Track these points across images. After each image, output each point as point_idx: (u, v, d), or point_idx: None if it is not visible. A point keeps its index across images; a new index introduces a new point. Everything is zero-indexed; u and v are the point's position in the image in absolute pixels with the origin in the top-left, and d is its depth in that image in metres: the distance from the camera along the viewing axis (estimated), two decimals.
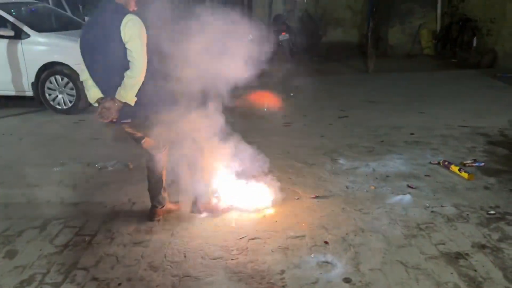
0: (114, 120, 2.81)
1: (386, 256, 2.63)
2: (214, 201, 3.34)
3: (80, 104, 6.11)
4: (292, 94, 7.07)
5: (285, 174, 3.94)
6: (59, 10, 7.58)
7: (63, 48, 5.96)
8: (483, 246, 2.69)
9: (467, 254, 2.62)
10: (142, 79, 2.73)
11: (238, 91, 3.28)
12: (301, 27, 11.96)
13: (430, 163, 4.08)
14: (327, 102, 6.70)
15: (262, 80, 4.02)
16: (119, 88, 2.72)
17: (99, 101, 2.86)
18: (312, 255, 2.66)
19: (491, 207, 3.20)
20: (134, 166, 4.20)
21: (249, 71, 3.11)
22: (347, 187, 3.64)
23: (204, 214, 3.21)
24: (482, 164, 3.98)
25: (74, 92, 6.05)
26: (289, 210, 3.26)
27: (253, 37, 9.54)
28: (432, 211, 3.17)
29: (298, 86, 7.54)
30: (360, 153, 4.44)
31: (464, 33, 9.75)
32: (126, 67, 2.69)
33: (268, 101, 6.82)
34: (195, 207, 3.25)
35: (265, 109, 6.25)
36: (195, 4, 4.10)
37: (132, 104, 2.76)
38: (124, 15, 2.67)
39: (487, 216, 3.07)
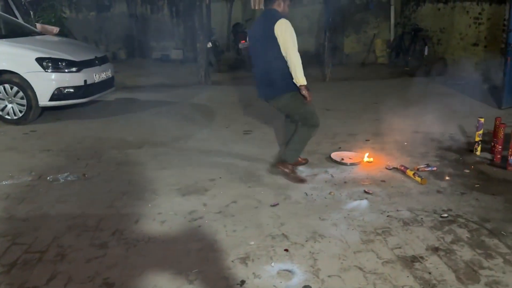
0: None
1: (345, 262, 2.66)
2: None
3: (31, 114, 5.85)
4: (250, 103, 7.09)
5: (245, 182, 3.93)
6: (8, 16, 7.24)
7: (13, 56, 5.70)
8: (436, 249, 2.79)
9: (422, 257, 2.69)
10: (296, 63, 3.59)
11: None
12: None
13: (385, 168, 4.19)
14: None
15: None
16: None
17: None
18: (273, 264, 2.66)
19: (443, 210, 3.32)
20: (89, 176, 4.06)
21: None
22: (306, 194, 3.67)
23: None
24: (435, 168, 4.14)
25: (24, 101, 5.78)
26: (249, 218, 3.24)
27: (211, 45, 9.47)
28: (388, 216, 3.25)
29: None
30: (319, 159, 4.50)
31: (415, 42, 10.20)
32: (278, 58, 3.62)
33: (226, 108, 6.83)
34: None
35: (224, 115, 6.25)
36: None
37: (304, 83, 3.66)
38: (277, 19, 3.58)
39: (440, 219, 3.18)
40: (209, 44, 9.64)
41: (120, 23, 12.82)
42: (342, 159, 4.44)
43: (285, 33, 3.55)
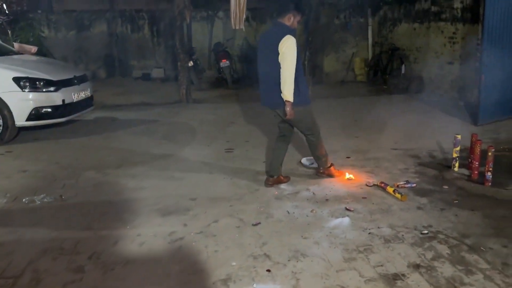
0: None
1: (327, 281, 2.64)
2: None
3: (7, 135, 5.71)
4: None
5: (227, 201, 3.89)
6: None
7: None
8: (418, 266, 2.79)
9: (403, 275, 2.69)
10: (287, 79, 3.76)
11: None
12: (241, 55, 12.21)
13: (366, 185, 4.22)
14: (268, 127, 6.76)
15: None
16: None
17: None
18: (255, 285, 2.61)
19: (424, 227, 3.34)
20: (66, 198, 3.96)
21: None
22: (288, 212, 3.65)
23: None
24: (414, 184, 4.18)
25: (0, 121, 5.64)
26: (230, 238, 3.20)
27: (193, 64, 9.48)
28: (369, 233, 3.25)
29: (239, 112, 7.62)
30: (301, 177, 4.50)
31: (393, 61, 10.44)
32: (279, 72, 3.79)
33: (208, 126, 6.81)
34: None
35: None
36: None
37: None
38: (284, 34, 3.78)
39: (421, 235, 3.20)
40: (190, 63, 9.67)
41: (100, 42, 12.76)
42: (312, 163, 4.67)
43: (287, 50, 3.74)
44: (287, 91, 3.78)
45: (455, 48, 8.54)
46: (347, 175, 4.41)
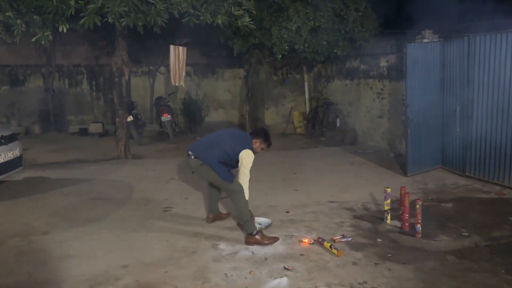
0: None
1: None
2: None
3: None
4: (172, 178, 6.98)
5: (162, 266, 3.73)
6: None
7: None
8: None
9: None
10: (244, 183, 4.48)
11: None
12: (183, 109, 12.28)
13: (304, 241, 4.24)
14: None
15: None
16: None
17: None
18: None
19: (359, 283, 3.38)
20: None
21: None
22: (226, 275, 3.56)
23: None
24: (350, 239, 4.27)
25: None
26: None
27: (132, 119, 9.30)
28: None
29: (180, 168, 7.52)
30: (240, 235, 4.44)
31: (328, 114, 10.96)
32: (228, 154, 4.42)
33: (146, 183, 6.62)
34: None
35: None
36: None
37: None
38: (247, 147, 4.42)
39: None
40: (130, 118, 9.53)
41: (35, 97, 12.34)
42: (260, 223, 4.68)
43: (246, 162, 4.36)
44: (246, 191, 4.44)
45: (384, 103, 9.15)
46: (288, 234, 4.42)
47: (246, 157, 4.35)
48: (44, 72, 12.46)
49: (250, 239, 4.22)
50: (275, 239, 4.28)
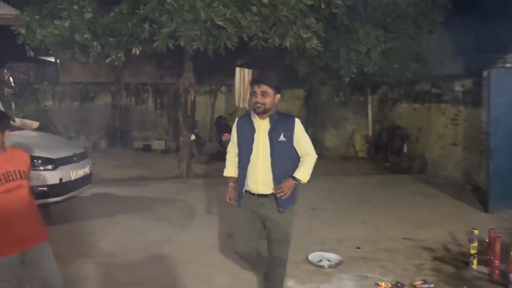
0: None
1: None
2: None
3: None
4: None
5: None
6: None
7: None
8: None
9: None
10: None
11: None
12: None
13: (380, 284, 3.89)
14: None
15: None
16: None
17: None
18: None
19: None
20: None
21: None
22: None
23: None
24: (432, 285, 3.86)
25: None
26: None
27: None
28: None
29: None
30: (309, 272, 4.18)
31: (394, 139, 10.44)
32: None
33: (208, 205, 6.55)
34: None
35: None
36: None
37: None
38: None
39: None
40: (193, 137, 9.63)
41: (103, 114, 12.89)
42: (321, 260, 4.37)
43: None
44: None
45: (458, 129, 8.55)
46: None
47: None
48: (113, 90, 13.01)
49: None
50: None
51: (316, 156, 3.27)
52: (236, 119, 3.34)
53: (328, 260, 4.34)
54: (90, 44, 6.51)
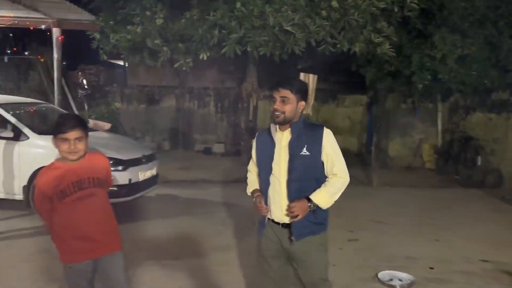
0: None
1: None
2: None
3: None
4: None
5: None
6: (63, 111, 7.52)
7: None
8: None
9: None
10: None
11: None
12: None
13: None
14: (334, 218, 6.30)
15: None
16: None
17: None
18: None
19: None
20: None
21: None
22: None
23: None
24: None
25: None
26: None
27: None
28: None
29: None
30: None
31: (466, 150, 9.78)
32: None
33: None
34: None
35: None
36: None
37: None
38: None
39: None
40: (253, 142, 9.63)
41: (167, 116, 13.28)
42: (392, 279, 4.10)
43: None
44: None
45: None
46: None
47: None
48: (177, 93, 13.39)
49: None
50: None
51: (348, 179, 2.62)
52: (257, 133, 2.89)
53: (400, 280, 4.09)
54: (160, 49, 6.68)
